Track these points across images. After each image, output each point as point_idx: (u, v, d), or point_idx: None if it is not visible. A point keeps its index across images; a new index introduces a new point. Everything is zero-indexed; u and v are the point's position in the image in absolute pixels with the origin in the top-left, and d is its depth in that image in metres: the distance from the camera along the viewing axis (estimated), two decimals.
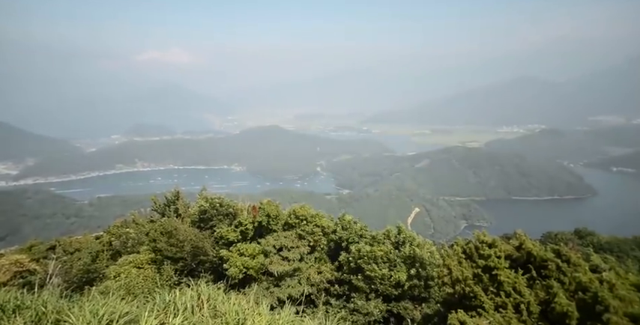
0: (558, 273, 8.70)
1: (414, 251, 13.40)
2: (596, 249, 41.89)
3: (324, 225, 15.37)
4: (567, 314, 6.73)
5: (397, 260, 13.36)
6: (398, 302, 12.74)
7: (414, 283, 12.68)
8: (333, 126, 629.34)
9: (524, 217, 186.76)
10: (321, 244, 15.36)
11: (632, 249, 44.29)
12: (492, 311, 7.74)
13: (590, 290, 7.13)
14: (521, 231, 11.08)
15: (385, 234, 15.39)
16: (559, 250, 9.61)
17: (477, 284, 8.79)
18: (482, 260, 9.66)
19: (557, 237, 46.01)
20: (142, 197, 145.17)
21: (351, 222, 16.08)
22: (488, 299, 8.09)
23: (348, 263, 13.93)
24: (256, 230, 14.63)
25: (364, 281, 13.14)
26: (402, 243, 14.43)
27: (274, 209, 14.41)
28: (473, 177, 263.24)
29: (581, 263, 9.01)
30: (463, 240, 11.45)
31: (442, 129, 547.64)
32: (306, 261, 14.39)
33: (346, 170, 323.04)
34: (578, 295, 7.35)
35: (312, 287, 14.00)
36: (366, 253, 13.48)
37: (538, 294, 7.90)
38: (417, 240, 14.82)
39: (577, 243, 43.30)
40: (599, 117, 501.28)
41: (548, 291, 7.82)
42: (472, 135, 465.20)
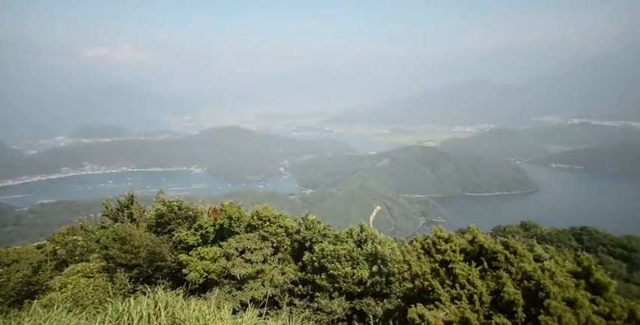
0: (507, 264, 9.31)
1: (375, 249, 13.72)
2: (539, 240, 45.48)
3: (288, 225, 15.29)
4: (514, 302, 7.23)
5: (360, 258, 13.62)
6: (360, 299, 13.00)
7: (376, 280, 13.00)
8: (296, 126, 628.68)
9: (477, 212, 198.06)
10: (285, 245, 15.27)
11: (569, 239, 48.65)
12: (448, 302, 8.13)
13: (534, 279, 7.70)
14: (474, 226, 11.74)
15: (348, 232, 15.60)
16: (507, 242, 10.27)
17: (434, 278, 9.19)
18: (440, 255, 10.10)
19: (506, 230, 49.39)
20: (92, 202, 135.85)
21: (314, 222, 16.13)
22: (445, 292, 8.49)
23: (312, 263, 13.98)
24: (217, 233, 14.25)
25: (328, 280, 13.26)
26: (364, 241, 14.72)
27: (236, 210, 14.11)
28: (430, 175, 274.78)
29: (526, 253, 9.71)
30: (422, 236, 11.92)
31: (401, 128, 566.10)
32: (269, 263, 14.24)
33: (309, 170, 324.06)
34: (523, 283, 7.92)
35: (276, 289, 13.89)
36: (330, 252, 13.60)
37: (489, 285, 8.42)
38: (378, 238, 15.18)
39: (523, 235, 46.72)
40: (541, 118, 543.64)
41: (498, 281, 8.35)
42: (429, 135, 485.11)
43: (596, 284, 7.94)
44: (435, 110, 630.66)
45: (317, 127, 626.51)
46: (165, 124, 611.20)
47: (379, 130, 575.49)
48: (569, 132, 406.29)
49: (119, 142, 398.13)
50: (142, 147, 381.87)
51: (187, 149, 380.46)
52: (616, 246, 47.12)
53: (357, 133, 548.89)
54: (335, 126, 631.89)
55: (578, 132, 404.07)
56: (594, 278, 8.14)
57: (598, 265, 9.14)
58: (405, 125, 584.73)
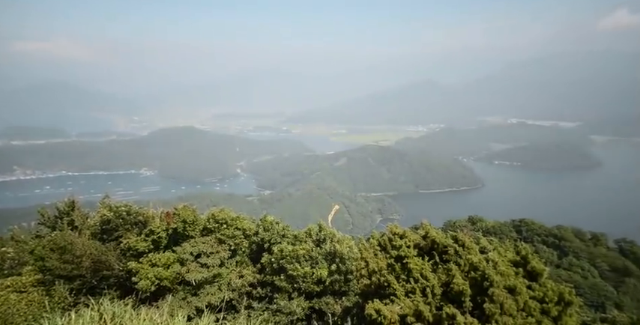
0: (456, 257, 9.89)
1: (334, 248, 13.90)
2: (484, 233, 48.84)
3: (246, 227, 15.01)
4: (463, 292, 7.70)
5: (319, 258, 13.72)
6: (320, 298, 13.11)
7: (335, 278, 13.18)
8: (253, 127, 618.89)
9: (429, 208, 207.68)
10: (243, 247, 14.99)
11: (509, 231, 52.78)
12: (403, 297, 8.46)
13: (480, 269, 8.26)
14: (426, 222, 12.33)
15: (307, 232, 15.65)
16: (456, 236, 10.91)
17: (390, 273, 9.52)
18: (395, 251, 10.47)
19: (456, 225, 52.35)
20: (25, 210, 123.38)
21: (273, 223, 16.00)
22: (400, 287, 8.83)
23: (271, 265, 13.84)
24: (171, 237, 13.61)
25: (287, 280, 13.21)
26: (323, 240, 14.84)
27: (191, 214, 13.58)
28: (386, 173, 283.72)
29: (472, 246, 10.37)
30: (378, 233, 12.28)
31: (357, 128, 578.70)
32: (226, 266, 13.88)
33: (267, 170, 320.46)
34: (470, 274, 8.45)
35: (234, 293, 13.57)
36: (289, 253, 13.56)
37: (440, 277, 8.89)
38: (337, 237, 15.39)
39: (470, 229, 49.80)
40: (485, 118, 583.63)
41: (448, 273, 8.84)
42: (384, 134, 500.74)
43: (532, 272, 8.72)
44: (389, 110, 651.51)
45: (274, 127, 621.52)
46: (110, 125, 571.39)
47: (336, 130, 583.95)
48: (508, 131, 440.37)
49: (56, 144, 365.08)
50: (84, 149, 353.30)
51: (136, 151, 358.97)
52: (549, 236, 51.89)
53: (314, 133, 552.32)
54: (293, 126, 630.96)
55: (517, 131, 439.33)
56: (530, 266, 8.92)
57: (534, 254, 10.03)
58: (361, 125, 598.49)
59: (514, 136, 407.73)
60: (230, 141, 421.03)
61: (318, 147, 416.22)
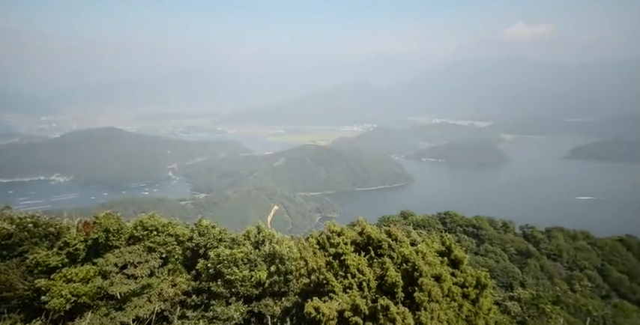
0: (390, 250, 10.44)
1: (273, 249, 13.76)
2: (415, 226, 52.42)
3: (179, 233, 14.18)
4: (395, 283, 8.16)
5: (257, 260, 13.48)
6: (259, 301, 12.89)
7: (275, 279, 13.07)
8: (185, 127, 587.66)
9: (365, 205, 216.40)
10: (176, 254, 14.13)
11: (436, 223, 57.33)
12: (342, 293, 8.70)
13: (411, 261, 8.83)
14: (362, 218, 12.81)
15: (245, 235, 15.29)
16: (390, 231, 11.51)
17: (329, 270, 9.72)
18: (333, 249, 10.71)
19: (389, 220, 55.32)
20: None
21: (208, 227, 15.34)
22: (338, 283, 9.06)
23: (207, 270, 13.25)
24: (91, 249, 12.30)
25: (224, 285, 12.75)
26: (262, 242, 14.61)
27: (115, 222, 12.41)
28: (324, 172, 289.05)
29: (404, 239, 11.03)
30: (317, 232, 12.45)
31: (295, 128, 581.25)
32: (157, 275, 12.96)
33: (202, 173, 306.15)
34: (402, 266, 9.00)
35: (166, 303, 12.73)
36: (226, 257, 13.10)
37: (375, 271, 9.32)
38: (276, 237, 15.26)
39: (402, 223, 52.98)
40: (413, 118, 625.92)
41: (383, 267, 9.31)
42: (321, 134, 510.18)
43: (455, 260, 9.57)
44: (325, 110, 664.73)
45: (209, 128, 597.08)
46: (10, 126, 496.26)
47: (274, 130, 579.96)
48: (434, 131, 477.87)
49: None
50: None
51: (45, 155, 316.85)
52: (468, 226, 57.44)
53: (251, 133, 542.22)
54: (228, 126, 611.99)
55: (440, 130, 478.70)
56: (454, 255, 9.78)
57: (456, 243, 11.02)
58: (299, 125, 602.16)
59: (439, 135, 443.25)
60: (159, 142, 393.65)
61: (256, 147, 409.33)
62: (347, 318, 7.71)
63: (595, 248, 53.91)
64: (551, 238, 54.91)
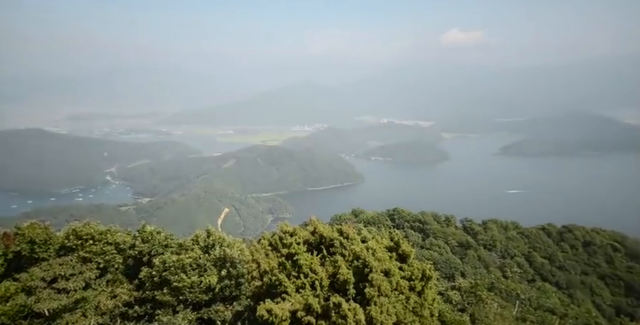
0: (342, 248, 10.64)
1: (224, 252, 13.38)
2: (365, 224, 54.06)
3: (119, 240, 13.22)
4: (347, 280, 8.34)
5: (207, 265, 13.00)
6: (209, 307, 12.44)
7: (225, 284, 12.70)
8: (124, 128, 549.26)
9: (318, 204, 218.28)
10: (116, 264, 13.14)
11: (385, 220, 59.60)
12: (294, 293, 8.70)
13: (361, 258, 9.09)
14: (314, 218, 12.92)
15: (194, 239, 14.70)
16: (341, 229, 11.74)
17: (281, 271, 9.66)
18: (286, 249, 10.67)
19: (341, 218, 56.46)
20: None
21: (153, 233, 14.48)
22: (291, 283, 9.05)
23: (151, 279, 12.49)
24: (11, 263, 10.99)
25: (171, 293, 12.12)
26: (212, 245, 14.14)
27: (41, 232, 11.22)
28: (275, 173, 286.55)
29: (355, 237, 11.33)
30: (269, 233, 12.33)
31: (245, 129, 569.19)
32: (94, 287, 11.95)
33: (145, 176, 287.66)
34: (354, 263, 9.24)
35: (104, 316, 11.79)
36: (173, 263, 12.47)
37: (328, 269, 9.45)
38: (227, 241, 14.84)
39: (353, 221, 54.32)
40: (362, 118, 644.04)
41: (335, 265, 9.47)
42: (271, 134, 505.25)
43: (403, 254, 10.04)
44: (274, 110, 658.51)
45: (152, 129, 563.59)
46: None
47: (223, 131, 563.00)
48: (381, 130, 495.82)
49: None
50: None
51: None
52: (415, 221, 60.48)
53: (199, 134, 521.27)
54: (173, 127, 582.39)
55: (387, 129, 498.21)
56: (401, 250, 10.25)
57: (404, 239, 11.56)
58: (248, 125, 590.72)
59: (386, 134, 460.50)
60: (95, 144, 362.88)
61: (205, 148, 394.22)
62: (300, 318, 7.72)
63: (523, 237, 59.60)
64: (487, 230, 59.71)
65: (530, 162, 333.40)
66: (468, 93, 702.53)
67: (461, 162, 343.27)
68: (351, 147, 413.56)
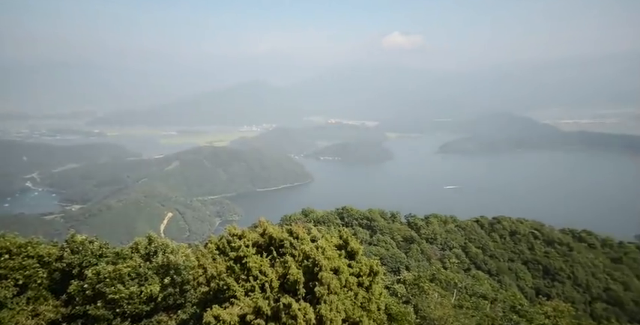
0: (292, 249, 10.61)
1: (167, 259, 12.66)
2: (315, 223, 54.58)
3: (42, 253, 11.88)
4: (297, 280, 8.33)
5: (149, 273, 12.20)
6: (150, 317, 11.68)
7: (169, 292, 12.02)
8: (46, 130, 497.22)
9: (268, 205, 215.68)
10: (39, 278, 11.79)
11: (335, 218, 60.74)
12: (243, 296, 8.49)
13: (311, 257, 9.14)
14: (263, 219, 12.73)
15: (133, 247, 13.73)
16: (291, 229, 11.71)
17: (230, 275, 9.37)
18: (234, 252, 10.38)
19: (291, 218, 56.37)
20: None
21: (84, 243, 13.25)
22: (240, 287, 8.82)
23: (82, 292, 11.40)
24: None
25: (106, 306, 11.17)
26: (154, 253, 13.31)
27: None
28: (223, 174, 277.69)
29: (305, 236, 11.36)
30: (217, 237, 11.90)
31: (189, 130, 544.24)
32: (10, 307, 10.61)
33: (74, 181, 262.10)
34: (304, 263, 9.26)
35: None
36: (109, 274, 11.51)
37: (278, 271, 9.37)
38: (170, 247, 14.09)
39: (304, 221, 54.53)
40: (310, 118, 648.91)
41: (285, 266, 9.42)
42: (218, 135, 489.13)
43: (351, 251, 10.29)
44: (221, 110, 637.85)
45: (82, 130, 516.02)
46: None
47: (165, 132, 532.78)
48: (329, 130, 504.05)
49: None
50: None
51: None
52: (363, 219, 62.39)
53: (138, 136, 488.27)
54: (107, 128, 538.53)
55: (335, 129, 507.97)
56: (350, 247, 10.49)
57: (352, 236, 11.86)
58: (193, 126, 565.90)
59: (334, 134, 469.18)
60: (11, 148, 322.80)
61: (145, 150, 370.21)
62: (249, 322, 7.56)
63: (460, 229, 64.33)
64: (429, 224, 63.50)
65: (465, 159, 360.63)
66: (409, 94, 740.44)
67: (404, 161, 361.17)
68: (301, 147, 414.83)
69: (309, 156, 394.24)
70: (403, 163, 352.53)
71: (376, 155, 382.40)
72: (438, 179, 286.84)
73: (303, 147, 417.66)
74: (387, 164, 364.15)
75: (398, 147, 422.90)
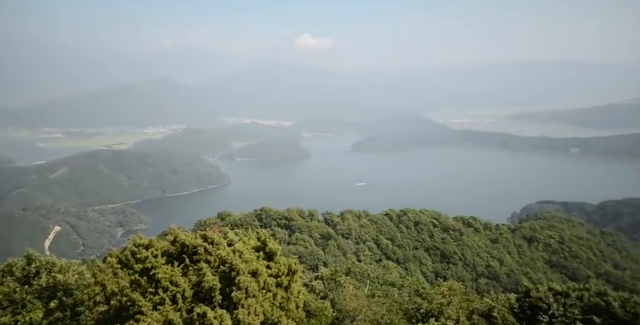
0: (206, 255, 10.11)
1: (54, 280, 10.93)
2: (232, 226, 52.89)
3: None
4: (213, 287, 7.98)
5: (28, 298, 10.36)
6: None
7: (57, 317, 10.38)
8: None
9: (180, 211, 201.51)
10: None
11: (253, 220, 59.77)
12: (151, 311, 7.80)
13: (228, 262, 8.83)
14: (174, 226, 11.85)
15: (5, 270, 11.54)
16: (205, 235, 11.15)
17: (135, 290, 8.50)
18: (140, 264, 9.46)
19: (206, 223, 53.60)
20: None
21: None
22: (147, 301, 8.07)
23: None
24: None
25: None
26: (35, 274, 11.36)
27: None
28: (125, 180, 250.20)
29: (221, 241, 10.93)
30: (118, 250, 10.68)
31: (79, 132, 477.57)
32: None
33: None
34: (220, 268, 8.90)
35: None
36: None
37: (191, 279, 8.83)
38: (58, 265, 12.19)
39: (220, 225, 52.39)
40: (224, 118, 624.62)
41: (199, 273, 8.92)
42: (117, 137, 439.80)
43: (270, 252, 10.24)
44: (122, 109, 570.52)
45: None
46: None
47: (46, 134, 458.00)
48: (244, 130, 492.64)
49: None
50: None
51: None
52: (281, 218, 62.59)
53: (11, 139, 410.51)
54: None
55: (251, 130, 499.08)
56: (268, 248, 10.44)
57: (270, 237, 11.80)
58: (85, 127, 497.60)
59: (250, 135, 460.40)
60: None
61: (21, 156, 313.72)
62: None
63: (372, 223, 68.95)
64: (344, 220, 66.62)
65: (374, 157, 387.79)
66: (322, 94, 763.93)
67: (320, 160, 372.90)
68: (215, 149, 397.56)
69: (225, 157, 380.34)
70: (319, 162, 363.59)
71: (293, 155, 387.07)
72: (351, 176, 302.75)
73: (218, 149, 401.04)
74: (304, 163, 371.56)
75: (314, 146, 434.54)
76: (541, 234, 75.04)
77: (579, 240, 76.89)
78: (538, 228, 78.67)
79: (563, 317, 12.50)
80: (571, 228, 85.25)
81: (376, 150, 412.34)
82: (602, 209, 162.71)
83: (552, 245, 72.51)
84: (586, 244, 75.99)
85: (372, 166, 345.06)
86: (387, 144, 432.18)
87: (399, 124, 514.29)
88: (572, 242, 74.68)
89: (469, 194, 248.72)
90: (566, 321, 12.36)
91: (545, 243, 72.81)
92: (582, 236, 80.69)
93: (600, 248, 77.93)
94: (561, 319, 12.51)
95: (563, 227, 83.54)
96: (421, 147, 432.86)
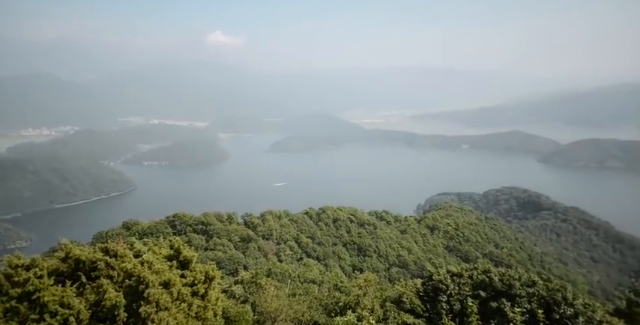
0: (108, 270, 9.03)
1: None
2: (141, 236, 48.20)
3: None
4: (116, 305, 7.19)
5: None
6: None
7: None
8: None
9: (74, 223, 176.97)
10: None
11: (165, 228, 55.33)
12: None
13: (135, 275, 8.03)
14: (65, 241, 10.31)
15: None
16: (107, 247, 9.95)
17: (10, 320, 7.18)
18: (18, 289, 8.04)
19: (108, 235, 47.83)
20: None
21: None
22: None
23: None
24: None
25: None
26: None
27: None
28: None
29: (126, 253, 9.87)
30: None
31: None
32: None
33: None
34: (125, 283, 8.04)
35: None
36: None
37: (89, 298, 7.80)
38: None
39: (125, 235, 47.35)
40: (127, 118, 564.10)
41: (99, 291, 7.93)
42: None
43: (184, 260, 9.61)
44: None
45: None
46: None
47: None
48: (152, 132, 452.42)
49: None
50: None
51: None
52: (198, 224, 59.17)
53: None
54: None
55: (159, 131, 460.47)
56: (183, 256, 9.78)
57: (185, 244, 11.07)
58: None
59: (159, 136, 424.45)
60: None
61: None
62: None
63: (293, 222, 69.55)
64: (265, 221, 65.88)
65: (291, 156, 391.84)
66: (235, 94, 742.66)
67: (239, 161, 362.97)
68: (117, 152, 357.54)
69: (130, 161, 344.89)
70: (238, 163, 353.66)
71: (209, 156, 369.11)
72: (271, 177, 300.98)
73: (121, 152, 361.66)
74: (222, 165, 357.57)
75: (231, 147, 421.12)
76: (441, 223, 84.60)
77: (470, 226, 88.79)
78: (438, 217, 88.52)
79: (458, 295, 14.41)
80: (464, 215, 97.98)
81: (294, 150, 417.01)
82: (486, 197, 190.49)
83: (450, 232, 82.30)
84: (475, 229, 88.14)
85: (290, 166, 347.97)
86: (304, 143, 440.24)
87: (316, 124, 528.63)
88: (465, 228, 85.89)
89: (381, 188, 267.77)
90: (460, 298, 14.28)
91: (444, 231, 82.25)
92: (472, 222, 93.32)
93: (485, 231, 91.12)
94: (457, 297, 14.38)
95: (458, 215, 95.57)
96: (337, 146, 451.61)
